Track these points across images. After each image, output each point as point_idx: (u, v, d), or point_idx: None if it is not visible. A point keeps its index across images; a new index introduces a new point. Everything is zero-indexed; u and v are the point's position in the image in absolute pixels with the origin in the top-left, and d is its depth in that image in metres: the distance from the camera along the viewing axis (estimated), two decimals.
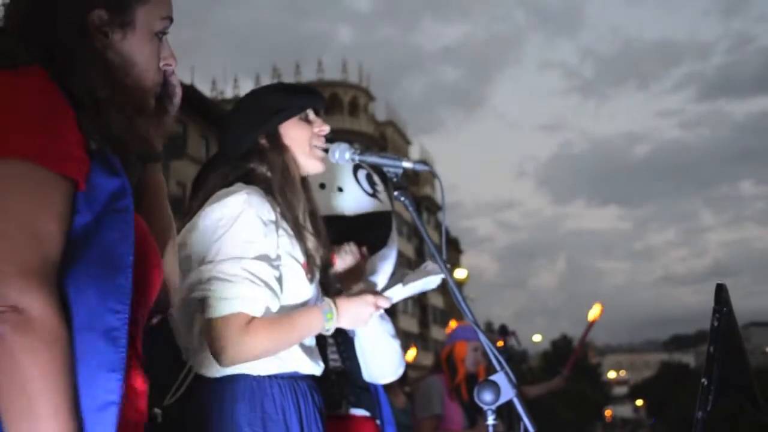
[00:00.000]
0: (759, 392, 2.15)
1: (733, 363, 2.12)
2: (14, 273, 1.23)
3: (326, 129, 2.34)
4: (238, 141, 2.31)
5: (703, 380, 2.08)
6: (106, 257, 1.34)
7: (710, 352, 2.09)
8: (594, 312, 6.49)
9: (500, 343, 5.83)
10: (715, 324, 2.09)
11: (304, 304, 2.22)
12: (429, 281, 2.38)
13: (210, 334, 2.06)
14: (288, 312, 2.16)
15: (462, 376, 5.03)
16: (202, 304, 2.08)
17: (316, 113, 2.38)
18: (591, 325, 6.60)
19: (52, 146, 1.30)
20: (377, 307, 2.27)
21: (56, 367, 1.24)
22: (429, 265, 2.36)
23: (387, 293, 2.36)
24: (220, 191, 2.19)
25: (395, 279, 2.43)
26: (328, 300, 2.22)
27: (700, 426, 2.05)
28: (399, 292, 2.39)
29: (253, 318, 2.06)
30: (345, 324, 2.26)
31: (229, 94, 46.95)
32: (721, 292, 2.12)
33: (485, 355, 5.01)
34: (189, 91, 31.49)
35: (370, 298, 2.26)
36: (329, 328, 2.21)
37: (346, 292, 2.42)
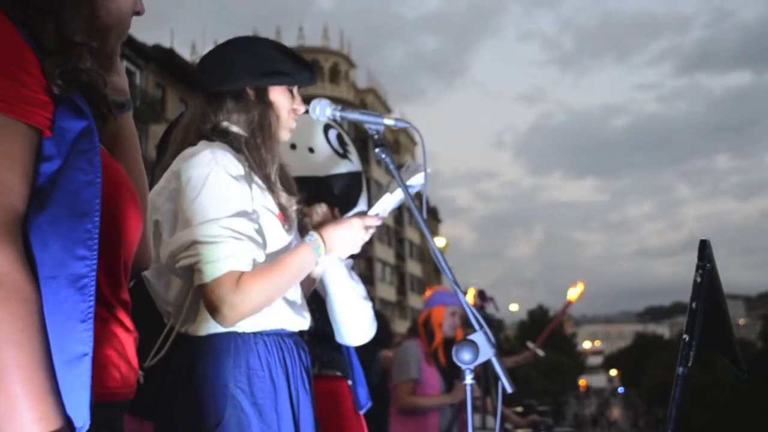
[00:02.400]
0: (739, 349, 2.14)
1: (715, 319, 2.10)
2: None
3: (302, 109, 2.29)
4: (223, 79, 2.22)
5: (684, 336, 2.06)
6: (73, 202, 1.27)
7: (692, 308, 2.07)
8: (575, 291, 6.49)
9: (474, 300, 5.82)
10: (698, 280, 2.07)
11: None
12: (416, 179, 2.26)
13: (205, 299, 2.02)
14: (277, 257, 2.12)
15: (439, 340, 5.02)
16: (189, 270, 2.03)
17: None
18: (569, 303, 6.60)
19: (12, 92, 1.23)
20: (366, 228, 2.23)
21: (24, 327, 1.18)
22: (411, 164, 2.29)
23: (372, 211, 2.30)
24: (184, 151, 2.14)
25: (377, 199, 2.36)
26: (313, 234, 2.17)
27: (680, 382, 2.04)
28: (386, 203, 2.30)
29: (243, 273, 2.02)
30: (338, 252, 2.22)
31: None
32: (704, 248, 2.09)
33: (463, 319, 5.01)
34: (168, 54, 31.21)
35: (356, 221, 2.22)
36: (322, 261, 2.18)
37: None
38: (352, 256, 2.44)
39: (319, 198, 2.61)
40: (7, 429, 1.16)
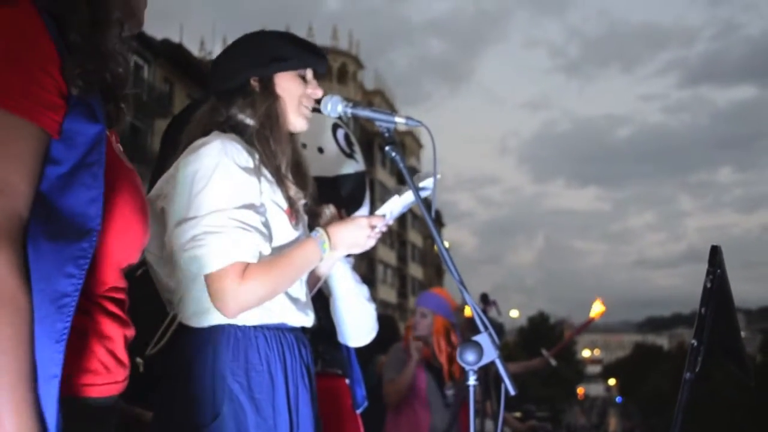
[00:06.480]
0: (747, 355, 2.13)
1: (724, 325, 2.09)
2: None
3: (319, 93, 2.26)
4: (229, 76, 2.22)
5: (692, 341, 2.05)
6: (74, 220, 1.24)
7: (702, 314, 2.06)
8: (596, 309, 6.48)
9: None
10: (708, 285, 2.05)
11: None
12: (425, 184, 2.27)
13: (210, 289, 2.01)
14: (282, 251, 2.12)
15: (407, 342, 5.08)
16: (195, 260, 2.02)
17: (314, 76, 2.31)
18: (591, 321, 6.59)
19: (26, 92, 1.20)
20: (372, 227, 2.23)
21: (13, 336, 1.15)
22: (422, 174, 2.28)
23: (378, 212, 2.31)
24: (195, 142, 2.13)
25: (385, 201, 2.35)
26: (318, 230, 2.18)
27: (687, 387, 2.03)
28: (394, 205, 2.30)
29: (248, 264, 2.02)
30: (343, 250, 2.23)
31: (217, 54, 46.46)
32: (715, 254, 2.07)
33: (468, 323, 5.02)
34: (177, 49, 31.20)
35: (362, 220, 2.23)
36: (327, 258, 2.19)
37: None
38: (352, 256, 2.43)
39: (327, 198, 2.60)
40: None
